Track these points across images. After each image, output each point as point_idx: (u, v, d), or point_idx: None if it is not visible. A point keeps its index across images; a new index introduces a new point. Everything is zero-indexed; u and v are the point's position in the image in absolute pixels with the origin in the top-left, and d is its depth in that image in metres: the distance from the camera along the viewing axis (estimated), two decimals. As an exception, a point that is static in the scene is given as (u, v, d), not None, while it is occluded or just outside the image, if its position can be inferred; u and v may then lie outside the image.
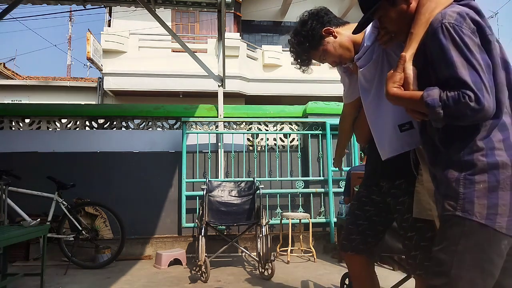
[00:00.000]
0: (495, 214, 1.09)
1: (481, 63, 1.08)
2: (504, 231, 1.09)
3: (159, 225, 4.64)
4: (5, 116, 4.94)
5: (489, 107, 1.06)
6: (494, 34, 1.19)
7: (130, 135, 4.99)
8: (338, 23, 1.64)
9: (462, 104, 1.06)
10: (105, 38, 10.08)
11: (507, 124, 1.14)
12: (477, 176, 1.12)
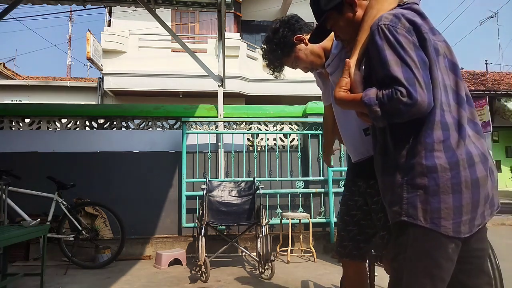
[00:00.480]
0: (438, 218, 1.08)
1: (415, 59, 1.08)
2: (451, 234, 1.08)
3: (159, 225, 4.64)
4: (5, 116, 4.94)
5: (423, 101, 1.05)
6: (437, 34, 1.20)
7: (130, 135, 4.99)
8: (309, 30, 1.68)
9: (395, 100, 1.06)
10: (105, 38, 10.09)
11: (449, 124, 1.12)
12: (418, 180, 1.11)
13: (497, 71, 17.47)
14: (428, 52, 1.13)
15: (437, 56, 1.16)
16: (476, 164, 1.11)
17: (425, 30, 1.14)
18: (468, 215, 1.10)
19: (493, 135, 13.31)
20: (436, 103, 1.11)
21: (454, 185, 1.08)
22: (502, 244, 4.45)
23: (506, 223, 6.21)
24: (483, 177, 1.11)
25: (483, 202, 1.12)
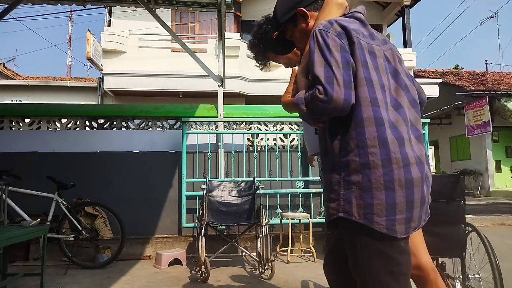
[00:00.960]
0: (371, 213, 1.09)
1: (338, 60, 1.13)
2: (384, 231, 1.09)
3: (159, 225, 4.64)
4: (5, 116, 4.94)
5: (339, 98, 1.09)
6: (378, 39, 1.25)
7: (130, 135, 4.99)
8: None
9: (314, 98, 1.11)
10: (105, 38, 10.08)
11: (385, 120, 1.13)
12: (352, 177, 1.12)
13: (497, 71, 17.47)
14: (356, 54, 1.17)
15: (374, 58, 1.20)
16: (411, 165, 1.12)
17: (355, 34, 1.19)
18: (402, 214, 1.10)
19: (493, 135, 13.31)
20: (367, 100, 1.13)
21: (386, 182, 1.09)
22: (502, 244, 4.45)
23: (506, 223, 6.21)
24: (418, 179, 1.12)
25: (418, 204, 1.13)
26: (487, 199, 11.61)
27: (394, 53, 1.28)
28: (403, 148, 1.12)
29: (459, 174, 2.13)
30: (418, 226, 1.16)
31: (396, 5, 13.28)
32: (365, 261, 1.13)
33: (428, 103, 13.21)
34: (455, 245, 2.11)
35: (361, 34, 1.21)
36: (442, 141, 15.75)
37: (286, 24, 1.45)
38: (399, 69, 1.26)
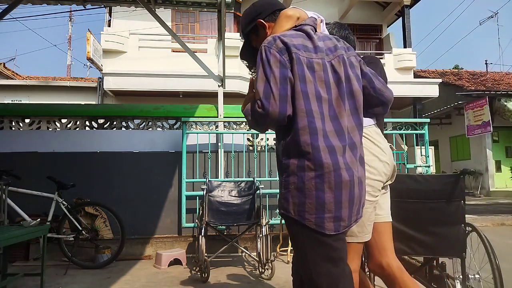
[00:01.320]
0: (303, 211, 1.23)
1: (277, 75, 1.26)
2: (313, 227, 1.21)
3: (159, 225, 4.64)
4: (5, 116, 4.94)
5: (274, 111, 1.24)
6: (322, 52, 1.33)
7: (130, 135, 4.99)
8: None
9: (254, 110, 1.27)
10: (105, 38, 10.08)
11: (318, 129, 1.24)
12: (290, 178, 1.26)
13: (497, 71, 17.48)
14: (294, 69, 1.27)
15: (313, 72, 1.30)
16: (341, 169, 1.24)
17: (295, 50, 1.29)
18: (331, 213, 1.22)
19: (493, 135, 13.31)
20: (303, 112, 1.25)
21: (317, 184, 1.21)
22: (502, 244, 4.45)
23: (506, 223, 6.21)
24: (346, 182, 1.23)
25: (347, 205, 1.24)
26: (487, 199, 11.61)
27: (343, 59, 1.36)
28: (334, 154, 1.24)
29: (459, 174, 2.14)
30: (349, 225, 1.27)
31: (396, 5, 13.28)
32: (304, 252, 1.26)
33: (428, 103, 13.22)
34: (455, 245, 2.11)
35: (302, 49, 1.31)
36: (442, 141, 15.75)
37: (250, 35, 1.55)
38: (347, 76, 1.35)
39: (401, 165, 5.57)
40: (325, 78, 1.31)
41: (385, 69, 8.01)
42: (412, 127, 5.27)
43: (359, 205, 1.30)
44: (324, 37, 1.40)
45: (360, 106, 1.36)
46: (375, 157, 1.58)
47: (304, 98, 1.26)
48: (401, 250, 2.17)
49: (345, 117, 1.31)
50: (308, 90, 1.27)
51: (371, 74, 1.49)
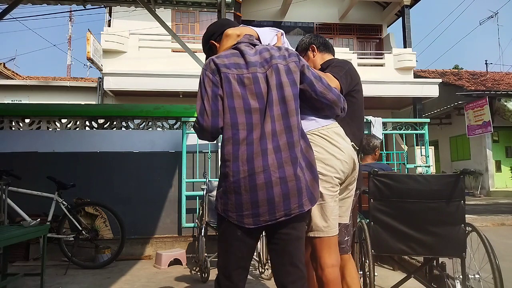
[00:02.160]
0: (227, 210, 1.44)
1: (209, 94, 1.46)
2: (235, 222, 1.43)
3: (159, 225, 4.64)
4: (5, 116, 4.93)
5: (207, 126, 1.46)
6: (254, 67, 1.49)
7: (130, 135, 4.99)
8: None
9: (194, 126, 1.52)
10: (105, 38, 10.09)
11: (241, 140, 1.42)
12: (219, 182, 1.49)
13: (497, 71, 17.48)
14: (223, 87, 1.46)
15: (243, 87, 1.47)
16: (257, 173, 1.39)
17: (224, 70, 1.47)
18: (248, 211, 1.41)
19: (493, 135, 13.31)
20: (228, 124, 1.44)
21: (236, 188, 1.41)
22: (502, 244, 4.45)
23: (506, 223, 6.21)
24: (261, 184, 1.39)
25: (265, 203, 1.40)
26: (487, 199, 11.61)
27: (276, 68, 1.50)
28: (251, 161, 1.41)
29: (459, 174, 2.13)
30: (271, 220, 1.42)
31: (396, 5, 13.28)
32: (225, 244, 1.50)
33: (428, 103, 13.22)
34: (455, 245, 2.11)
35: (234, 67, 1.49)
36: (442, 141, 15.75)
37: (209, 53, 1.74)
38: (279, 83, 1.49)
39: (401, 165, 5.57)
40: (256, 90, 1.47)
41: (385, 69, 8.13)
42: (412, 127, 5.27)
43: (289, 199, 1.41)
44: (262, 50, 1.55)
45: (292, 110, 1.48)
46: (332, 155, 1.68)
47: (230, 112, 1.44)
48: (401, 250, 2.17)
49: (272, 122, 1.45)
50: (235, 105, 1.45)
51: (314, 78, 1.58)
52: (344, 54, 11.86)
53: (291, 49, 1.63)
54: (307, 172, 1.47)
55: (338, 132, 1.74)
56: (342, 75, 1.88)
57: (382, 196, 2.17)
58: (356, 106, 1.99)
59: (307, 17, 13.72)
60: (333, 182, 1.66)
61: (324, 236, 1.62)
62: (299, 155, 1.45)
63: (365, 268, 2.14)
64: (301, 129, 1.51)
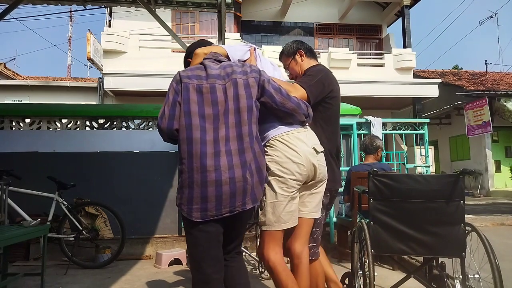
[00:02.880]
0: (181, 203, 1.63)
1: (170, 100, 1.70)
2: (185, 215, 1.62)
3: (159, 225, 4.64)
4: (5, 116, 4.93)
5: (164, 127, 1.70)
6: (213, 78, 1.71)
7: (130, 135, 4.99)
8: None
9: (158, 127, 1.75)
10: (105, 38, 10.10)
11: (194, 140, 1.62)
12: (179, 177, 1.67)
13: (497, 71, 17.49)
14: (182, 94, 1.69)
15: (200, 95, 1.69)
16: (209, 171, 1.59)
17: (185, 80, 1.71)
18: (198, 205, 1.59)
19: (492, 135, 13.31)
20: (183, 126, 1.65)
21: (189, 183, 1.60)
22: (502, 244, 4.46)
23: (506, 223, 6.21)
24: (212, 181, 1.58)
25: (213, 200, 1.59)
26: (486, 199, 11.62)
27: (235, 82, 1.72)
28: (204, 159, 1.59)
29: (459, 174, 2.14)
30: (217, 215, 1.61)
31: (396, 5, 13.29)
32: (186, 235, 1.71)
33: (428, 103, 13.22)
34: (455, 245, 2.11)
35: (195, 78, 1.72)
36: (442, 141, 15.75)
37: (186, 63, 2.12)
38: (236, 95, 1.70)
39: (401, 165, 5.57)
40: (212, 98, 1.69)
41: (385, 69, 8.14)
42: (412, 127, 5.27)
43: (235, 198, 1.61)
44: (226, 65, 1.79)
45: (245, 120, 1.68)
46: (289, 159, 1.83)
47: (185, 116, 1.66)
48: (400, 250, 2.17)
49: (226, 128, 1.67)
50: (191, 109, 1.66)
51: (274, 90, 1.78)
52: (344, 54, 11.87)
53: (255, 67, 1.82)
54: (255, 175, 1.68)
55: (300, 137, 1.88)
56: (312, 84, 2.03)
57: (382, 196, 2.18)
58: (331, 112, 2.15)
59: (307, 17, 13.73)
60: (288, 184, 1.82)
61: (272, 230, 1.84)
62: (249, 160, 1.66)
63: (365, 268, 2.15)
64: (256, 137, 1.72)
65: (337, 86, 2.20)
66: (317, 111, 2.09)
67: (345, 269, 3.34)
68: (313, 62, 2.28)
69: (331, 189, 2.18)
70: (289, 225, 1.86)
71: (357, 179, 3.62)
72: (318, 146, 1.94)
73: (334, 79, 2.19)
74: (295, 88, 1.96)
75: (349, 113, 5.15)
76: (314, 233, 2.11)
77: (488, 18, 17.71)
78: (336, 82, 2.21)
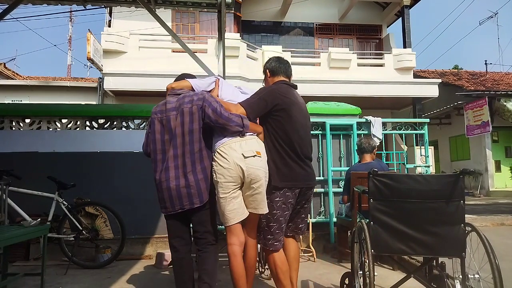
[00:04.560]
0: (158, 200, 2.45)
1: (147, 131, 2.51)
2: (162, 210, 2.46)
3: (159, 224, 4.64)
4: (5, 116, 4.93)
5: (145, 151, 2.54)
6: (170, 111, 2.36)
7: (130, 135, 4.99)
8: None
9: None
10: (105, 38, 10.09)
11: (157, 160, 2.40)
12: None
13: (496, 71, 17.48)
14: (151, 125, 2.44)
15: (162, 125, 2.38)
16: (162, 182, 2.35)
17: (153, 115, 2.43)
18: (161, 203, 2.42)
19: (492, 135, 13.31)
20: (150, 150, 2.45)
21: (157, 190, 2.42)
22: (502, 244, 4.46)
23: (506, 223, 6.21)
24: (164, 188, 2.35)
25: (167, 200, 2.37)
26: (486, 199, 11.62)
27: (182, 111, 2.33)
28: (161, 173, 2.36)
29: (459, 174, 2.14)
30: (172, 211, 2.38)
31: (396, 5, 13.29)
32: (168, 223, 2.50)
33: (428, 103, 13.22)
34: (455, 245, 2.11)
35: (159, 112, 2.41)
36: (442, 141, 15.75)
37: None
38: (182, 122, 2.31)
39: (401, 165, 5.58)
40: (169, 127, 2.34)
41: (385, 69, 8.19)
42: (411, 127, 5.27)
43: (182, 199, 2.31)
44: (180, 97, 2.39)
45: (187, 141, 2.29)
46: (221, 166, 2.29)
47: (151, 143, 2.42)
48: (400, 250, 2.17)
49: (174, 149, 2.31)
50: (155, 138, 2.39)
51: (212, 111, 2.30)
52: (344, 54, 11.87)
53: (202, 95, 2.36)
54: (202, 183, 2.30)
55: (232, 146, 2.31)
56: (253, 102, 2.44)
57: (382, 196, 2.18)
58: (282, 122, 2.45)
59: (307, 17, 13.72)
60: (224, 186, 2.29)
61: (227, 225, 2.35)
62: (194, 170, 2.29)
63: (365, 268, 2.15)
64: (200, 153, 2.30)
65: (288, 100, 2.48)
66: (267, 122, 2.48)
67: (345, 269, 3.34)
68: (277, 78, 2.64)
69: (293, 187, 2.44)
70: (236, 221, 2.33)
71: (357, 179, 3.62)
72: (248, 152, 2.29)
73: (281, 95, 2.47)
74: (235, 107, 2.41)
75: (349, 113, 5.15)
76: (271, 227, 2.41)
77: (488, 18, 17.72)
78: (287, 95, 2.49)
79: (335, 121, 4.92)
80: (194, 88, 2.48)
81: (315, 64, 12.09)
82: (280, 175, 2.40)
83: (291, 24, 13.86)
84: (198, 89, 2.47)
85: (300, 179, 2.47)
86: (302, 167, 2.48)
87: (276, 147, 2.42)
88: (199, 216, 2.36)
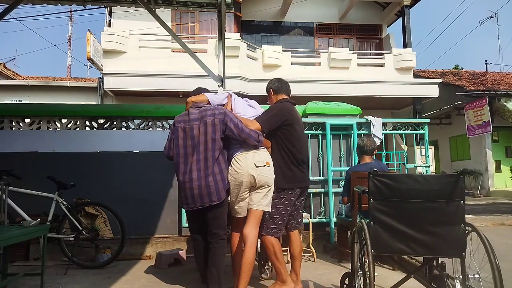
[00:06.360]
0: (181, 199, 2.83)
1: (169, 137, 2.90)
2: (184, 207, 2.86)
3: (159, 225, 4.64)
4: (5, 116, 4.93)
5: (165, 155, 2.92)
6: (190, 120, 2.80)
7: (130, 135, 4.99)
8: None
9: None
10: (105, 38, 10.08)
11: (180, 162, 2.78)
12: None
13: (497, 71, 17.48)
14: (174, 132, 2.85)
15: (184, 132, 2.79)
16: (185, 182, 2.72)
17: (176, 124, 2.84)
18: (185, 201, 2.77)
19: (493, 135, 13.30)
20: (174, 154, 2.83)
21: (180, 189, 2.77)
22: (502, 244, 4.46)
23: (506, 223, 6.21)
24: (188, 188, 2.72)
25: (190, 198, 2.71)
26: (487, 199, 11.61)
27: (205, 122, 2.74)
28: (184, 175, 2.74)
29: (459, 174, 2.14)
30: (193, 207, 2.73)
31: (396, 5, 13.28)
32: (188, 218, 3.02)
33: (428, 103, 13.21)
34: (455, 245, 2.11)
35: (182, 121, 2.83)
36: (442, 141, 15.75)
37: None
38: (205, 132, 2.72)
39: (401, 165, 5.57)
40: (191, 135, 2.75)
41: (385, 69, 8.18)
42: (412, 127, 5.27)
43: (203, 197, 2.68)
44: (202, 110, 2.81)
45: (209, 148, 2.70)
46: (236, 172, 2.75)
47: (175, 147, 2.81)
48: (400, 250, 2.17)
49: (197, 154, 2.71)
50: (179, 143, 2.78)
51: (234, 126, 2.72)
52: (344, 54, 11.87)
53: (222, 109, 2.78)
54: (220, 183, 2.69)
55: (247, 156, 2.77)
56: (265, 119, 2.89)
57: (382, 196, 2.17)
58: (290, 135, 2.94)
59: (307, 17, 13.72)
60: (235, 190, 2.77)
61: (235, 216, 2.87)
62: (210, 173, 2.67)
63: (365, 268, 2.15)
64: (216, 159, 2.70)
65: (293, 116, 2.99)
66: (277, 135, 2.94)
67: (345, 269, 3.34)
68: (280, 96, 3.11)
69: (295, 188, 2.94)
70: (243, 215, 2.82)
71: (357, 179, 3.62)
72: (259, 162, 2.75)
73: (288, 112, 2.96)
74: (252, 123, 2.84)
75: (349, 113, 5.15)
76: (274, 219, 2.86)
77: (488, 18, 17.70)
78: (291, 112, 2.99)
79: (335, 121, 4.92)
80: (210, 102, 2.92)
81: (315, 64, 12.09)
82: (285, 178, 2.89)
83: (291, 24, 13.86)
84: (213, 103, 2.92)
85: (300, 180, 2.98)
86: (302, 171, 2.99)
87: (282, 155, 2.92)
88: (214, 212, 2.73)
